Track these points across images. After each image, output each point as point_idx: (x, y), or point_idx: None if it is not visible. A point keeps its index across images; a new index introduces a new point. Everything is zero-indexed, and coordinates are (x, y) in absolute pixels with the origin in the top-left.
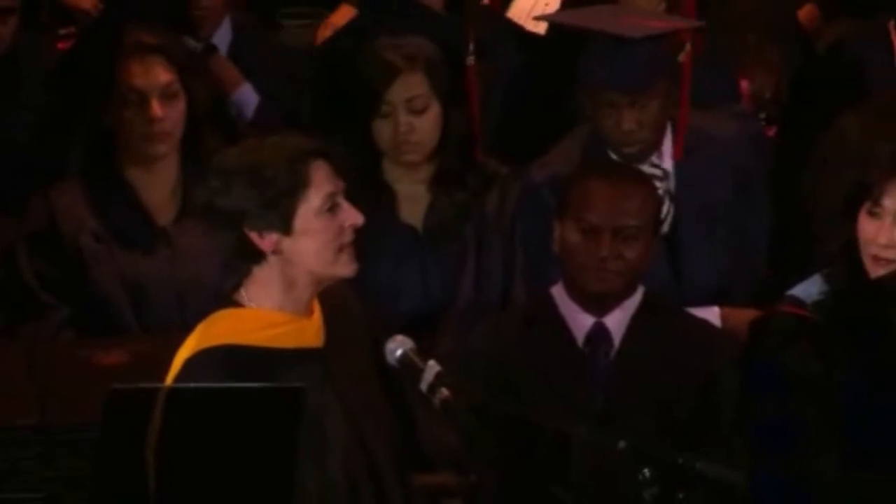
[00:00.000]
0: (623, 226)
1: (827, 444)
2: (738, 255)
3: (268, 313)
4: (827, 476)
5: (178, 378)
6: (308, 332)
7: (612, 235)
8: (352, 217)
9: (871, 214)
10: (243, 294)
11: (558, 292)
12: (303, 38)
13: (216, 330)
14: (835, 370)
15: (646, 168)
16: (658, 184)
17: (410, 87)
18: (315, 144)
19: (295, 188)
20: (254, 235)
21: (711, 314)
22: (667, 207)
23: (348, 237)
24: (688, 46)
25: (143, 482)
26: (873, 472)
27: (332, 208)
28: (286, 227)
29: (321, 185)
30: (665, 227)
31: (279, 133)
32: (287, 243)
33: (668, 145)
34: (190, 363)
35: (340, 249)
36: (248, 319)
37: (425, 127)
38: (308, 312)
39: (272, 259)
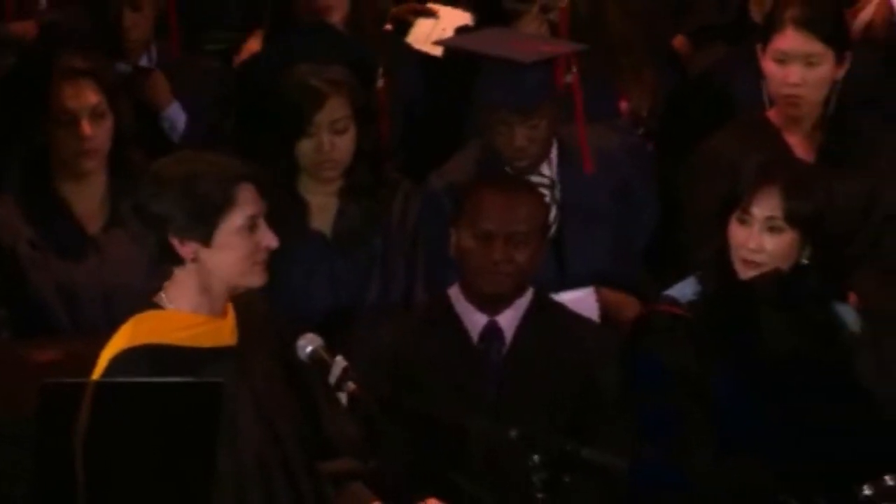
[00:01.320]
0: (514, 232)
1: (702, 435)
2: (618, 256)
3: (186, 315)
4: (702, 463)
5: (104, 375)
6: (223, 331)
7: (504, 241)
8: (268, 239)
9: (741, 222)
10: (163, 296)
11: (455, 293)
12: (222, 62)
13: (139, 330)
14: (709, 367)
15: (534, 178)
16: (546, 191)
17: (335, 110)
18: (247, 168)
19: (222, 205)
20: (175, 242)
21: (587, 294)
22: (554, 213)
23: (262, 256)
24: (574, 69)
25: (74, 472)
26: (743, 460)
27: (251, 228)
28: (207, 239)
29: (245, 206)
30: (552, 231)
31: (208, 149)
32: (205, 253)
33: (554, 156)
34: (116, 361)
35: (254, 264)
36: (169, 320)
37: (345, 146)
38: (223, 314)
39: (190, 265)
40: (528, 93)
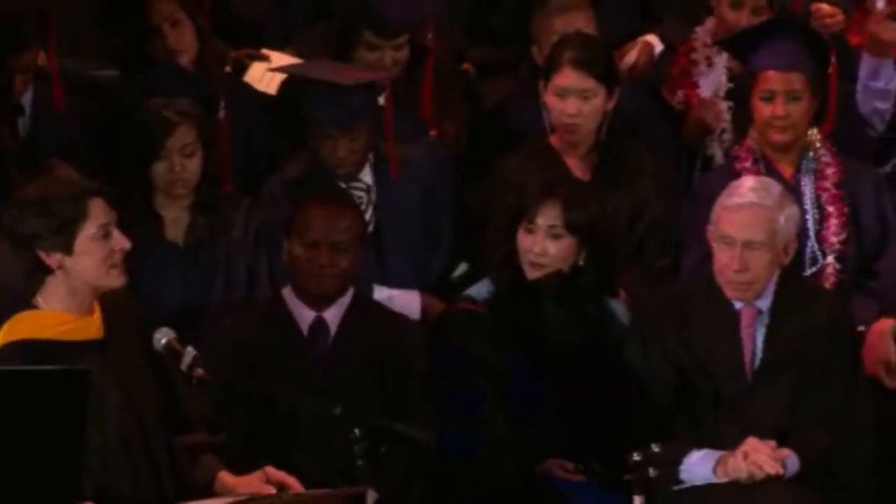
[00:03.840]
0: (337, 241)
1: (497, 411)
2: (428, 248)
3: (58, 314)
4: (497, 435)
5: None
6: (90, 327)
7: (328, 249)
8: (121, 242)
9: (528, 231)
10: (39, 299)
11: (287, 293)
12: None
13: (16, 328)
14: (504, 355)
15: (354, 184)
16: (363, 195)
17: (183, 136)
18: (94, 184)
19: (76, 219)
20: (42, 254)
21: (413, 295)
22: (371, 213)
23: (118, 258)
24: (387, 91)
25: None
26: (531, 432)
27: (105, 235)
28: (68, 249)
29: (97, 217)
30: (370, 229)
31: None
32: (68, 261)
33: (370, 166)
34: (1, 354)
35: (112, 266)
36: (42, 319)
37: (193, 167)
38: (90, 311)
39: (59, 272)
40: (348, 112)
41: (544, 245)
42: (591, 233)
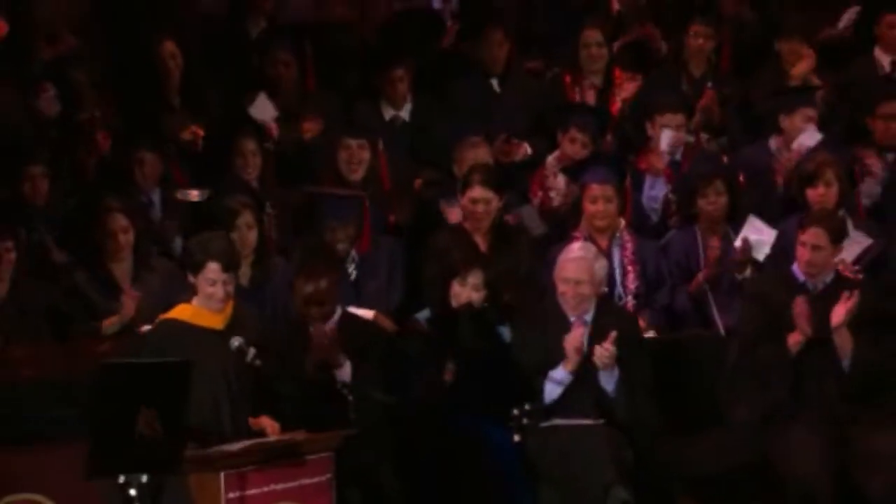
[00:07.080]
0: (327, 288)
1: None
2: (388, 289)
3: (198, 307)
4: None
5: (151, 332)
6: (213, 320)
7: (326, 288)
8: (220, 294)
9: (461, 284)
10: (193, 299)
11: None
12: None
13: (174, 312)
14: (441, 354)
15: (348, 257)
16: (349, 257)
17: (246, 217)
18: (218, 254)
19: (198, 265)
20: (189, 272)
21: (372, 315)
22: (353, 270)
23: (216, 300)
24: (365, 201)
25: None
26: (453, 396)
27: (212, 284)
28: (195, 275)
29: (208, 273)
30: (353, 278)
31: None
32: (196, 280)
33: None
34: (154, 326)
35: (208, 300)
36: (188, 308)
37: (253, 236)
38: (220, 311)
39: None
40: (343, 212)
41: (469, 294)
42: (490, 285)
